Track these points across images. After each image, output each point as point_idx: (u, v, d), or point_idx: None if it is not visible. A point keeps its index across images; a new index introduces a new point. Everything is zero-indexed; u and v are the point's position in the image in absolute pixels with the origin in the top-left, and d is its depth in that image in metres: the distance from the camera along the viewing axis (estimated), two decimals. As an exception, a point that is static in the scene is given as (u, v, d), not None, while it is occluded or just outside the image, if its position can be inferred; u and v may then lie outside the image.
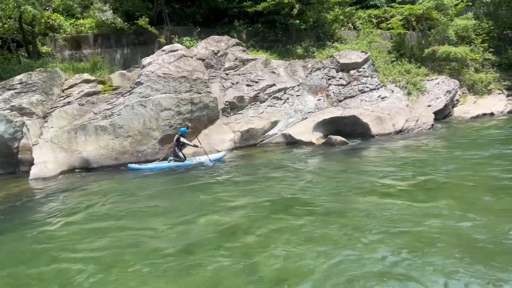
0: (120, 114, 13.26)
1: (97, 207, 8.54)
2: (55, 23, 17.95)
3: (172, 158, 12.83)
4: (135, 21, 17.70)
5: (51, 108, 13.57)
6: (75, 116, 13.54)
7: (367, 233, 6.04)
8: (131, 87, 14.01)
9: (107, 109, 13.52)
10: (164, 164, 12.69)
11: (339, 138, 14.72)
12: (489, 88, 24.01)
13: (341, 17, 21.85)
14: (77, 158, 12.67)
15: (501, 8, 28.52)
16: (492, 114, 21.16)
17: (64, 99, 13.93)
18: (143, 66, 14.39)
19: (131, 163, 12.87)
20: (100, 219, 7.67)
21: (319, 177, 10.01)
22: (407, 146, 13.71)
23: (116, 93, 14.30)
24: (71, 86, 14.30)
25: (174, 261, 5.52)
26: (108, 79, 14.92)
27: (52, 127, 13.06)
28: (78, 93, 14.04)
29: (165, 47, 15.39)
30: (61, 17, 18.49)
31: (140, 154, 13.25)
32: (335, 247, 5.65)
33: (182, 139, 12.79)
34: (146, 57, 14.96)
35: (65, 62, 16.46)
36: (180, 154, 12.82)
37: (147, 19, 17.60)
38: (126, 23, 18.33)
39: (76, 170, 12.56)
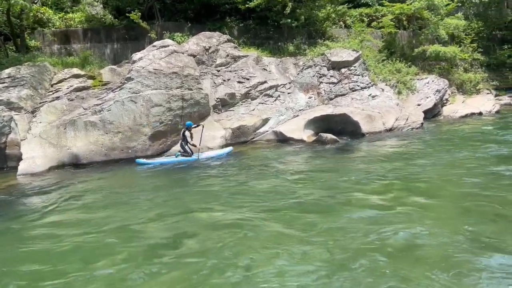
0: (110, 110, 13.13)
1: (82, 204, 8.51)
2: (44, 17, 17.66)
3: (179, 153, 12.82)
4: (126, 15, 17.51)
5: (40, 103, 13.38)
6: (64, 111, 13.37)
7: (305, 243, 5.82)
8: (121, 83, 13.88)
9: (97, 105, 13.38)
10: (172, 159, 12.68)
11: (329, 136, 14.76)
12: (477, 88, 24.28)
13: (333, 15, 21.86)
14: (66, 153, 12.54)
15: (490, 9, 28.85)
16: (480, 113, 21.39)
17: (53, 94, 13.74)
18: (134, 62, 14.26)
19: (121, 159, 12.82)
20: (83, 217, 7.64)
21: (298, 178, 9.89)
22: (394, 146, 13.73)
23: (106, 89, 14.15)
24: (60, 81, 14.10)
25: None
26: (98, 74, 14.75)
27: (40, 122, 12.89)
28: (67, 88, 13.87)
29: (156, 43, 15.26)
30: (50, 11, 18.19)
31: (130, 151, 13.14)
32: (261, 256, 5.50)
33: (186, 133, 12.74)
34: (137, 53, 14.83)
35: (53, 57, 16.21)
36: (187, 148, 12.78)
37: (139, 13, 17.43)
38: (116, 19, 18.13)
39: (65, 166, 12.43)
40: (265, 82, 16.69)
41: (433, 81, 21.12)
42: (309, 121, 16.09)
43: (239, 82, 16.30)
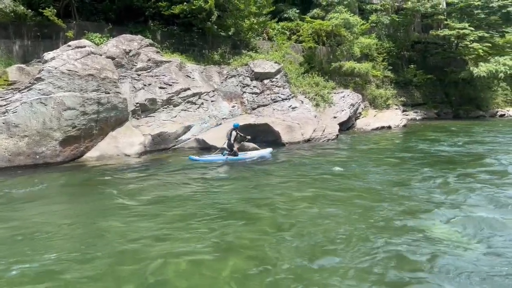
0: (16, 112, 12.09)
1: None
2: None
3: (227, 152, 13.22)
4: (40, 11, 16.31)
5: None
6: (-39, 112, 12.05)
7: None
8: (30, 83, 12.85)
9: (1, 106, 12.24)
10: (221, 157, 13.19)
11: (251, 145, 14.96)
12: (387, 103, 26.36)
13: (256, 26, 22.34)
14: (-39, 158, 11.30)
15: (399, 31, 31.62)
16: (389, 127, 23.19)
17: None
18: (45, 61, 13.30)
19: (27, 165, 11.86)
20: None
21: (199, 190, 9.68)
22: (304, 157, 13.99)
23: (12, 89, 12.98)
24: (-43, 78, 12.73)
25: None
26: (3, 72, 13.54)
27: None
28: (-34, 86, 12.55)
29: (71, 43, 14.39)
30: (-51, 0, 16.42)
31: (38, 156, 12.19)
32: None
33: (233, 133, 13.17)
34: (49, 52, 13.85)
35: (-49, 51, 14.62)
36: (235, 148, 13.16)
37: (54, 10, 16.34)
38: (29, 10, 16.79)
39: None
40: (188, 89, 16.54)
41: (348, 95, 22.48)
42: (232, 130, 16.21)
43: (160, 87, 15.96)
